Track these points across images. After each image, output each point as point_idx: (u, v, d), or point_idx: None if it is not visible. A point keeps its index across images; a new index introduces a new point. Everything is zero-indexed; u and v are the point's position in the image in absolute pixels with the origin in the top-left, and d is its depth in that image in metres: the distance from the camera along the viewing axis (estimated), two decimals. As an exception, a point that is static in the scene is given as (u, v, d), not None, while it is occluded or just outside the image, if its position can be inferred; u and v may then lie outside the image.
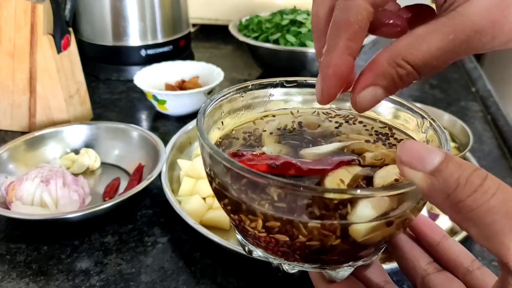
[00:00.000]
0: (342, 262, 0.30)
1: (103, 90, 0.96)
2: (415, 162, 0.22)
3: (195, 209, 0.58)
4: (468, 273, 0.30)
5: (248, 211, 0.27)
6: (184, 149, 0.71)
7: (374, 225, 0.25)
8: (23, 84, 0.76)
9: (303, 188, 0.24)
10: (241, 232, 0.31)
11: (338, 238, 0.26)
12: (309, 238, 0.26)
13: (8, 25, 0.73)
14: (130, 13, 0.96)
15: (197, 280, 0.51)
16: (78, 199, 0.59)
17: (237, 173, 0.26)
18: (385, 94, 0.26)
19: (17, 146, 0.66)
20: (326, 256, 0.28)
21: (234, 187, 0.27)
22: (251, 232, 0.28)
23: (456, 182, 0.21)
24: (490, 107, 0.90)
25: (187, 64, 0.91)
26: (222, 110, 0.34)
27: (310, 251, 0.27)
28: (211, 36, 1.28)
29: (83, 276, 0.51)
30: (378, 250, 0.31)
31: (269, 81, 0.35)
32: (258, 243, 0.29)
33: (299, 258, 0.29)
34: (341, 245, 0.26)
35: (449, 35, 0.24)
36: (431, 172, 0.22)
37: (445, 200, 0.22)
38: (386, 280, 0.32)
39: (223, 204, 0.29)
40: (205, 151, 0.29)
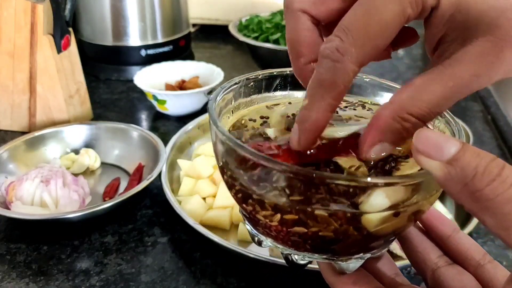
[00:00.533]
0: (353, 253, 0.29)
1: (103, 90, 0.96)
2: (431, 151, 0.22)
3: (195, 209, 0.58)
4: (480, 267, 0.30)
5: (260, 200, 0.27)
6: (184, 149, 0.71)
7: (386, 215, 0.25)
8: (23, 84, 0.76)
9: (316, 175, 0.24)
10: (251, 222, 0.30)
11: (350, 228, 0.26)
12: (322, 228, 0.26)
13: (8, 25, 0.73)
14: (130, 13, 0.96)
15: (197, 280, 0.51)
16: (78, 199, 0.59)
17: (249, 159, 0.26)
18: (393, 147, 0.26)
19: (17, 146, 0.66)
20: (337, 247, 0.28)
21: (246, 175, 0.27)
22: (263, 221, 0.28)
23: (474, 171, 0.21)
24: (490, 107, 0.90)
25: (187, 64, 0.91)
26: (232, 99, 0.33)
27: (322, 241, 0.27)
28: (211, 36, 1.28)
29: (83, 276, 0.51)
30: (388, 242, 0.30)
31: (280, 71, 0.35)
32: (269, 233, 0.29)
33: (310, 248, 0.28)
34: (353, 236, 0.26)
35: (448, 82, 0.24)
36: (448, 161, 0.22)
37: (462, 190, 0.21)
38: (396, 273, 0.32)
39: (234, 193, 0.29)
40: (217, 139, 0.28)
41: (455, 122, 0.30)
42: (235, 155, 0.27)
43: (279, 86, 0.35)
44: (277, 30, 0.99)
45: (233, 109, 0.34)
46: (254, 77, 0.34)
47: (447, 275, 0.30)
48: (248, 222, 0.31)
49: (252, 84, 0.34)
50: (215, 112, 0.30)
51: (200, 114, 0.78)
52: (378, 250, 0.30)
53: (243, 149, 0.26)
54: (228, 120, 0.33)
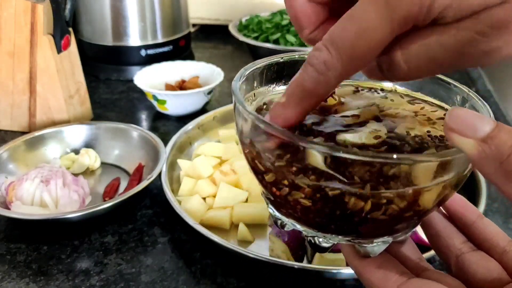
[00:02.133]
0: (378, 236, 0.29)
1: (103, 90, 0.96)
2: (465, 129, 0.22)
3: (195, 209, 0.58)
4: (505, 254, 0.30)
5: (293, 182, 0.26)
6: (184, 149, 0.71)
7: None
8: (23, 84, 0.76)
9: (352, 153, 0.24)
10: (276, 204, 0.30)
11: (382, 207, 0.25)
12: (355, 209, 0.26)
13: (8, 25, 0.73)
14: (130, 13, 0.96)
15: (197, 280, 0.51)
16: (78, 199, 0.59)
17: (283, 141, 0.26)
18: None
19: (17, 146, 0.66)
20: (363, 228, 0.27)
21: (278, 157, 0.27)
22: (292, 203, 0.28)
23: (510, 150, 0.20)
24: (490, 107, 0.89)
25: (187, 64, 0.91)
26: (254, 81, 0.33)
27: (349, 222, 0.27)
28: (211, 36, 1.28)
29: (83, 276, 0.51)
30: (412, 226, 0.30)
31: (302, 55, 0.34)
32: (294, 214, 0.29)
33: (335, 230, 0.28)
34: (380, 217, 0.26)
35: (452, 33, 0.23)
36: (483, 138, 0.21)
37: (497, 169, 0.21)
38: (419, 258, 0.31)
39: (261, 175, 0.29)
40: (244, 120, 0.28)
41: (483, 103, 0.29)
42: (263, 135, 0.27)
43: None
44: (277, 30, 0.99)
45: (255, 91, 0.34)
46: (276, 61, 0.34)
47: (472, 261, 0.30)
48: (272, 204, 0.31)
49: (275, 68, 0.34)
50: (240, 93, 0.29)
51: (200, 114, 0.77)
52: (402, 233, 0.30)
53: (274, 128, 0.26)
54: (250, 104, 0.33)
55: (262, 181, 0.29)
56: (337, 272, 0.48)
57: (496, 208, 0.62)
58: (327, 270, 0.47)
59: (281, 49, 0.94)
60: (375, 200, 0.25)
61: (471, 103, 0.31)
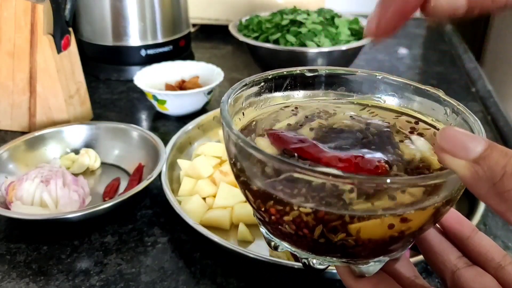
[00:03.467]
0: (372, 257, 0.29)
1: (103, 90, 0.96)
2: (457, 149, 0.21)
3: (195, 209, 0.58)
4: (500, 268, 0.30)
5: (281, 204, 0.26)
6: (184, 149, 0.71)
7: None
8: (23, 84, 0.76)
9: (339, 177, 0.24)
10: (268, 226, 0.30)
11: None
12: (347, 234, 0.25)
13: (8, 25, 0.73)
14: (130, 13, 0.96)
15: (197, 280, 0.51)
16: (78, 199, 0.59)
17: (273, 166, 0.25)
18: None
19: (17, 146, 0.66)
20: (358, 250, 0.27)
21: (265, 180, 0.26)
22: (283, 228, 0.27)
23: (503, 170, 0.20)
24: (490, 108, 0.90)
25: (187, 64, 0.91)
26: (243, 100, 0.33)
27: (342, 246, 0.26)
28: (211, 36, 1.28)
29: (83, 276, 0.51)
30: (408, 244, 0.30)
31: (290, 71, 0.35)
32: (287, 238, 0.29)
33: (329, 253, 0.28)
34: (373, 239, 0.26)
35: None
36: (475, 159, 0.21)
37: (489, 190, 0.21)
38: (415, 275, 0.31)
39: (251, 196, 0.28)
40: (231, 142, 0.28)
41: (474, 119, 0.29)
42: (252, 158, 0.26)
43: (289, 86, 0.35)
44: (277, 30, 0.99)
45: (244, 111, 0.33)
46: (264, 77, 0.34)
47: (467, 277, 0.30)
48: (264, 226, 0.31)
49: (262, 85, 0.34)
50: (228, 114, 0.29)
51: (200, 114, 0.77)
52: (397, 252, 0.30)
53: (261, 153, 0.25)
54: (239, 121, 0.33)
55: (250, 200, 0.29)
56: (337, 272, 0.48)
57: (496, 208, 0.62)
58: (327, 270, 0.47)
59: (281, 49, 0.94)
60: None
61: (462, 117, 0.30)
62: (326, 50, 0.93)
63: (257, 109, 0.34)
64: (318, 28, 0.97)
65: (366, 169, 0.26)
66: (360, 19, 1.06)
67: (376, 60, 1.14)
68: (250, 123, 0.33)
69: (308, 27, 0.97)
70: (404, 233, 0.26)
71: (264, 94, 0.34)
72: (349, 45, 0.94)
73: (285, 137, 0.28)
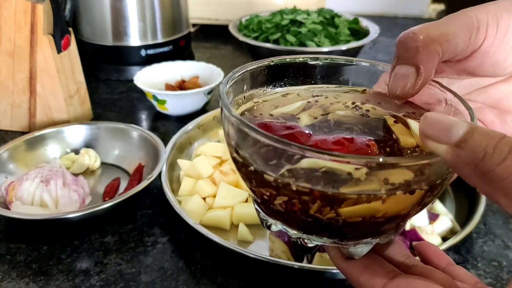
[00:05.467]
0: (362, 237, 0.29)
1: (103, 90, 0.96)
2: (439, 135, 0.22)
3: (195, 209, 0.58)
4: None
5: (276, 185, 0.27)
6: (184, 149, 0.71)
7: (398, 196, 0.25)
8: (23, 84, 0.76)
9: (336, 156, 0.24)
10: (261, 204, 0.30)
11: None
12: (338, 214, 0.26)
13: (8, 25, 0.73)
14: (130, 13, 0.96)
15: (197, 280, 0.51)
16: (78, 199, 0.59)
17: (265, 144, 0.26)
18: None
19: (17, 146, 0.66)
20: (345, 231, 0.28)
21: (261, 160, 0.27)
22: (274, 206, 0.28)
23: (484, 152, 0.20)
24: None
25: (187, 64, 0.91)
26: (244, 84, 0.33)
27: (333, 225, 0.27)
28: (211, 36, 1.28)
29: (83, 276, 0.51)
30: (398, 227, 0.30)
31: (292, 58, 0.35)
32: (278, 216, 0.29)
33: (318, 232, 0.28)
34: (360, 221, 0.26)
35: None
36: (457, 143, 0.21)
37: (473, 171, 0.21)
38: (407, 254, 0.32)
39: (247, 175, 0.29)
40: (231, 124, 0.28)
41: (468, 106, 0.29)
42: (248, 137, 0.27)
43: (291, 74, 0.35)
44: (277, 30, 0.99)
45: (244, 94, 0.34)
46: (266, 64, 0.34)
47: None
48: (258, 205, 0.31)
49: (266, 71, 0.34)
50: (226, 96, 0.30)
51: (200, 114, 0.77)
52: (387, 235, 0.30)
53: (256, 131, 0.26)
54: (241, 102, 0.33)
55: (246, 180, 0.30)
56: (337, 272, 0.48)
57: (496, 208, 0.62)
58: (327, 270, 0.47)
59: (281, 49, 0.94)
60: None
61: (456, 105, 0.31)
62: (326, 50, 0.93)
63: (258, 94, 0.34)
64: (318, 28, 0.97)
65: (357, 149, 0.27)
66: (360, 19, 1.06)
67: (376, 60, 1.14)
68: (250, 108, 0.33)
69: (308, 27, 0.97)
70: (390, 216, 0.27)
71: (265, 79, 0.35)
72: (349, 45, 0.94)
73: (273, 126, 0.29)
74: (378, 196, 0.25)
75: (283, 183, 0.26)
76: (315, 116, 0.31)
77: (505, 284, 0.50)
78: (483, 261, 0.53)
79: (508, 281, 0.50)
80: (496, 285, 0.50)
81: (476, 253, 0.55)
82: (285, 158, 0.26)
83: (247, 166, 0.28)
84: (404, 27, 0.32)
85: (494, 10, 0.31)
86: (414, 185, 0.25)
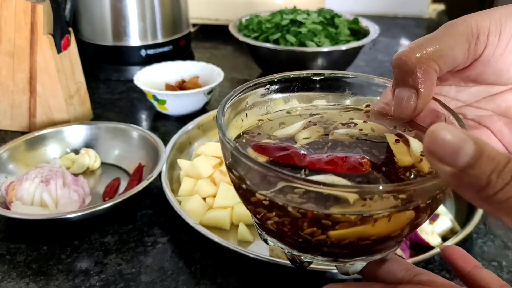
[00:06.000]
0: (355, 257, 0.30)
1: (103, 90, 0.96)
2: (445, 156, 0.21)
3: (195, 209, 0.58)
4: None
5: (267, 204, 0.27)
6: (184, 149, 0.71)
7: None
8: (23, 84, 0.76)
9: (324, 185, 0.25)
10: (257, 220, 0.31)
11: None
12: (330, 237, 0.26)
13: (8, 25, 0.73)
14: (130, 13, 0.96)
15: (197, 280, 0.51)
16: (78, 199, 0.59)
17: (257, 171, 0.26)
18: None
19: (17, 146, 0.66)
20: (335, 251, 0.28)
21: (252, 181, 0.28)
22: (267, 226, 0.29)
23: (488, 180, 0.20)
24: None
25: (187, 64, 0.91)
26: (246, 102, 0.34)
27: (319, 246, 0.27)
28: (211, 36, 1.28)
29: (83, 276, 0.51)
30: (392, 246, 0.31)
31: (297, 74, 0.35)
32: (272, 234, 0.30)
33: (310, 251, 0.29)
34: (349, 242, 0.27)
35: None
36: (462, 169, 0.21)
37: (475, 195, 0.21)
38: (406, 268, 0.31)
39: (240, 194, 0.30)
40: (223, 144, 0.29)
41: (458, 118, 0.30)
42: (240, 160, 0.27)
43: (295, 89, 0.36)
44: (277, 30, 0.99)
45: (247, 111, 0.34)
46: (269, 80, 0.35)
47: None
48: (255, 221, 0.32)
49: (268, 87, 0.35)
50: (223, 119, 0.30)
51: (200, 114, 0.78)
52: (382, 254, 0.31)
53: (249, 160, 0.26)
54: (241, 122, 0.33)
55: (240, 197, 0.30)
56: (337, 272, 0.48)
57: (496, 208, 0.62)
58: (327, 270, 0.47)
59: (281, 49, 0.94)
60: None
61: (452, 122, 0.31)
62: (326, 50, 0.93)
63: (261, 110, 0.35)
64: (318, 28, 0.97)
65: (350, 168, 0.27)
66: (360, 19, 1.06)
67: (376, 61, 1.14)
68: (252, 126, 0.33)
69: (308, 27, 0.97)
70: (380, 238, 0.27)
71: (268, 96, 0.35)
72: (349, 45, 0.94)
73: (268, 147, 0.29)
74: (367, 217, 0.25)
75: (273, 202, 0.27)
76: (315, 135, 0.32)
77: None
78: (483, 261, 0.53)
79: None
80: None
81: (476, 253, 0.55)
82: (273, 181, 0.26)
83: (240, 184, 0.28)
84: (404, 27, 0.32)
85: (498, 15, 0.30)
86: (403, 207, 0.25)
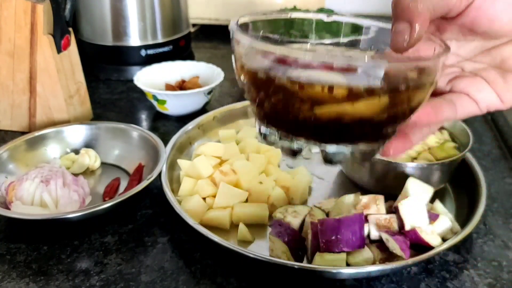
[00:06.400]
0: (338, 141, 0.33)
1: (103, 90, 0.96)
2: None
3: (195, 209, 0.58)
4: None
5: (268, 83, 0.31)
6: (184, 149, 0.71)
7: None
8: (23, 84, 0.76)
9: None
10: (258, 108, 0.34)
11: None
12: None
13: (8, 25, 0.73)
14: (130, 13, 0.96)
15: (197, 280, 0.51)
16: (78, 199, 0.59)
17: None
18: None
19: (17, 146, 0.66)
20: (324, 131, 0.31)
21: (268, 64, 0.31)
22: (265, 105, 0.32)
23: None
24: (490, 107, 0.89)
25: (187, 64, 0.91)
26: (259, 24, 0.39)
27: (312, 124, 0.31)
28: (211, 36, 1.28)
29: (83, 276, 0.51)
30: (372, 138, 0.34)
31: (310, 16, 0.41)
32: (268, 118, 0.33)
33: (299, 131, 0.32)
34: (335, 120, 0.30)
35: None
36: None
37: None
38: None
39: (250, 80, 0.34)
40: (237, 42, 0.34)
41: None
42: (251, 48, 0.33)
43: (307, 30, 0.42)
44: (277, 30, 0.99)
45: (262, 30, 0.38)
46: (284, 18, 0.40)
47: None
48: (256, 117, 0.35)
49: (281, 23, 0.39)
50: (237, 25, 0.35)
51: (200, 114, 0.78)
52: (363, 144, 0.34)
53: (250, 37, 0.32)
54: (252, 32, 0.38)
55: (251, 94, 0.34)
56: (337, 272, 0.48)
57: (496, 208, 0.62)
58: (327, 270, 0.47)
59: (281, 49, 0.94)
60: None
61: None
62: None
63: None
64: (318, 28, 0.97)
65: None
66: (360, 19, 1.06)
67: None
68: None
69: (308, 27, 0.97)
70: (357, 119, 0.30)
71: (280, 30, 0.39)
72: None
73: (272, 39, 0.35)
74: (348, 96, 0.29)
75: (272, 79, 0.31)
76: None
77: (505, 285, 0.50)
78: (483, 261, 0.53)
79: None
80: (496, 285, 0.50)
81: (476, 253, 0.55)
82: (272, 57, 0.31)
83: (251, 72, 0.33)
84: (404, 27, 0.34)
85: None
86: (380, 89, 0.30)
